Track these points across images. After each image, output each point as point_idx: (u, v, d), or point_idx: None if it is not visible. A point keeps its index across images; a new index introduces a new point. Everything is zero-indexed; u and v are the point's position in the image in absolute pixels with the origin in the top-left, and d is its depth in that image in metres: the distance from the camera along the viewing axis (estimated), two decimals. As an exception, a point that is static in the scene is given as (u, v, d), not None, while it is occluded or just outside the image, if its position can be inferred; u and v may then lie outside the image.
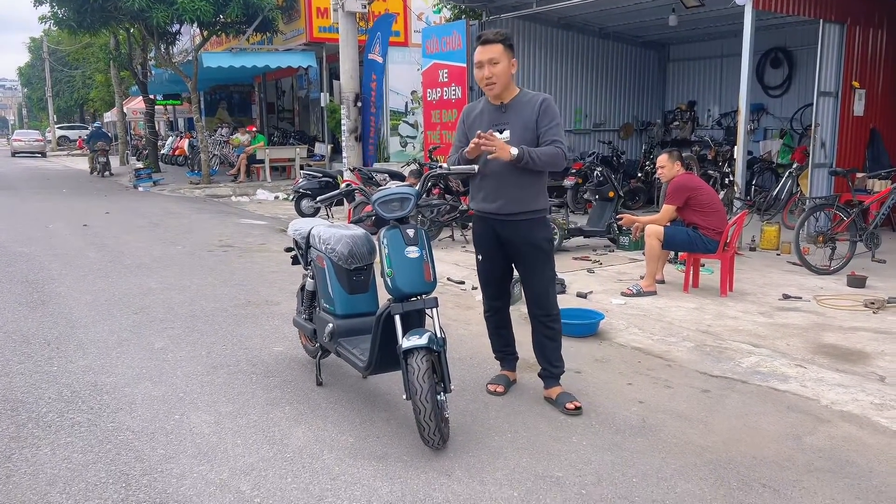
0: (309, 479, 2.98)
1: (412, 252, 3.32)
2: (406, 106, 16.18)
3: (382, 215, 3.38)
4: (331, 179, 11.67)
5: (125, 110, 29.00)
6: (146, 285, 6.60)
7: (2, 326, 5.21)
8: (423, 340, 3.15)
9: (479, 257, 3.87)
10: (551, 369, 3.80)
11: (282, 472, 3.05)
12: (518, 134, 3.55)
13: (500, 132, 3.54)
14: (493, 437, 3.38)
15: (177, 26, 17.41)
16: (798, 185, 10.11)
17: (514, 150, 3.42)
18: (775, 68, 12.55)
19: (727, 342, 4.82)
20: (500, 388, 3.93)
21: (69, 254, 8.24)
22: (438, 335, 3.25)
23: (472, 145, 3.49)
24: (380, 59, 11.95)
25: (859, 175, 8.46)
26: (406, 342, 3.16)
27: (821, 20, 8.53)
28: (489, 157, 3.47)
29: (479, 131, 3.46)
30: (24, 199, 14.96)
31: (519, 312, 5.62)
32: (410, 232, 3.36)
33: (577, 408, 3.65)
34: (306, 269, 4.28)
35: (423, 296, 3.36)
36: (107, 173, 21.51)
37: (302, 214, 11.42)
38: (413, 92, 15.83)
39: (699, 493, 2.89)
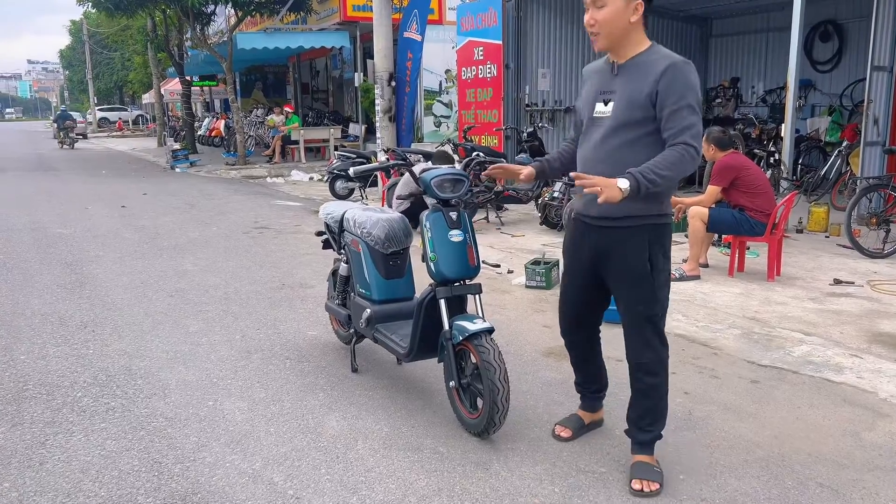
0: (343, 471, 2.90)
1: (455, 236, 3.21)
2: (440, 85, 16.00)
3: (437, 194, 3.26)
4: (365, 160, 11.58)
5: (162, 92, 29.26)
6: (182, 267, 6.60)
7: (40, 309, 5.24)
8: (486, 324, 3.09)
9: (563, 272, 3.12)
10: (634, 430, 2.85)
11: (315, 462, 2.97)
12: (620, 111, 2.62)
13: (606, 103, 2.68)
14: (531, 429, 3.26)
15: (212, 7, 17.47)
16: (848, 164, 9.71)
17: (624, 184, 2.46)
18: (824, 42, 12.05)
19: (776, 330, 4.62)
20: (564, 433, 3.16)
21: (107, 235, 8.31)
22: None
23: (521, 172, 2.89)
24: (417, 37, 11.74)
25: (915, 154, 8.07)
26: (471, 325, 3.07)
27: (876, -9, 8.11)
28: (599, 201, 2.50)
29: (572, 173, 2.69)
30: (65, 180, 15.20)
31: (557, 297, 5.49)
32: (454, 215, 3.25)
33: (644, 491, 2.70)
34: (339, 254, 4.19)
35: (467, 281, 3.26)
36: (74, 146, 26.97)
37: (336, 196, 11.36)
38: (447, 70, 15.64)
39: (751, 492, 2.74)
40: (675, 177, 2.53)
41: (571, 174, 2.72)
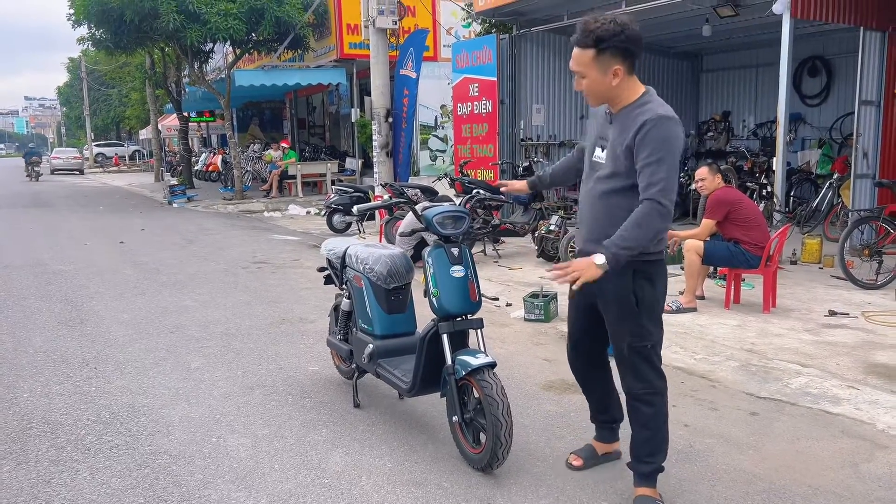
0: (348, 507, 2.92)
1: (457, 271, 3.28)
2: (436, 120, 16.22)
3: (439, 231, 3.33)
4: (362, 195, 11.69)
5: (160, 127, 29.51)
6: (182, 303, 6.63)
7: (41, 346, 5.26)
8: (489, 358, 3.15)
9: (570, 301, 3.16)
10: (635, 462, 2.89)
11: (320, 499, 2.99)
12: (610, 160, 2.76)
13: (602, 150, 2.83)
14: (535, 464, 3.29)
15: (210, 45, 17.73)
16: (839, 196, 9.86)
17: (600, 259, 2.60)
18: (813, 77, 12.31)
19: (773, 361, 4.66)
20: (576, 461, 3.23)
21: (106, 271, 8.34)
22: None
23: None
24: (413, 75, 11.97)
25: (905, 186, 8.20)
26: (474, 360, 3.12)
27: (861, 28, 8.33)
28: (577, 285, 2.67)
29: (553, 266, 2.78)
30: (63, 217, 15.25)
31: (556, 330, 5.53)
32: (455, 251, 3.32)
33: None
34: (341, 289, 4.24)
35: (468, 315, 3.31)
36: (39, 178, 31.08)
37: (333, 229, 11.46)
38: (442, 106, 15.87)
39: (753, 524, 2.77)
40: (647, 235, 2.61)
41: (548, 272, 2.93)
